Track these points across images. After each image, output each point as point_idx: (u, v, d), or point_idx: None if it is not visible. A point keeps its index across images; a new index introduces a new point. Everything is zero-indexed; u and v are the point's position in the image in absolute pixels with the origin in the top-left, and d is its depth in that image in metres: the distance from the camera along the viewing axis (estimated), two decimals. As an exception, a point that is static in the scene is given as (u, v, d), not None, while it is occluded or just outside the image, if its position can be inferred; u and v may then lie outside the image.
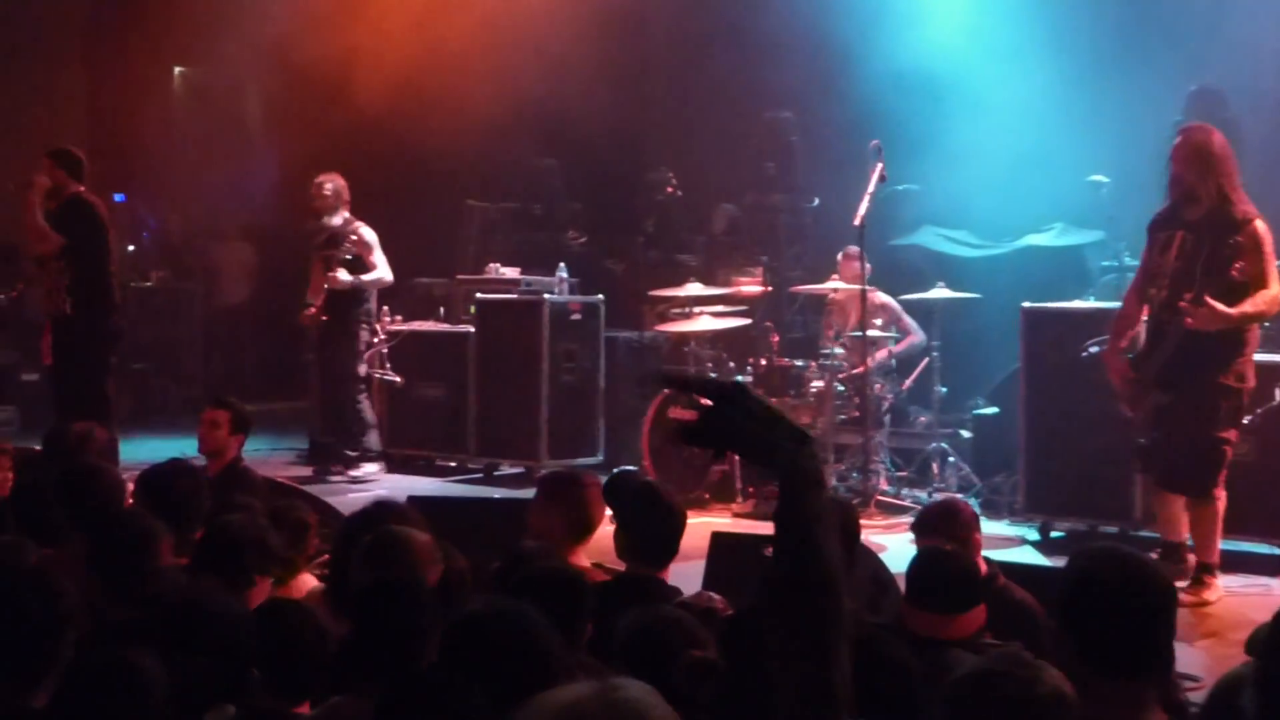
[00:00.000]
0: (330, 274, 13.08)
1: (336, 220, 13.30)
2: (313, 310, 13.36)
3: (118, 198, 19.23)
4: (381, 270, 13.32)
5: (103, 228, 11.93)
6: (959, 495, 11.94)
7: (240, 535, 5.69)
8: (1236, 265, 8.58)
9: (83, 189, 11.94)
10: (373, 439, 13.44)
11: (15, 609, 4.49)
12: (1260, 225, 8.72)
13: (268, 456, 13.87)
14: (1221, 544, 9.17)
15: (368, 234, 13.26)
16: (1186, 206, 8.92)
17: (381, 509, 6.22)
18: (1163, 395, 8.91)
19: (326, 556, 6.50)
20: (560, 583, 4.93)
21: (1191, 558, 9.17)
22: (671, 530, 6.16)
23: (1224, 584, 9.09)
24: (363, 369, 13.38)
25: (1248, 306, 8.61)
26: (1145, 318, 9.21)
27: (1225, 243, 8.66)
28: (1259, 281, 8.63)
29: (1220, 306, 8.53)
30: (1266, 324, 9.37)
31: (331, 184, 13.35)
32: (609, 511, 6.72)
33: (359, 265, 13.19)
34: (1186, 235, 8.85)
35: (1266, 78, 12.74)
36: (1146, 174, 12.35)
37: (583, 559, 6.40)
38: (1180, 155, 8.95)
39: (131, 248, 19.41)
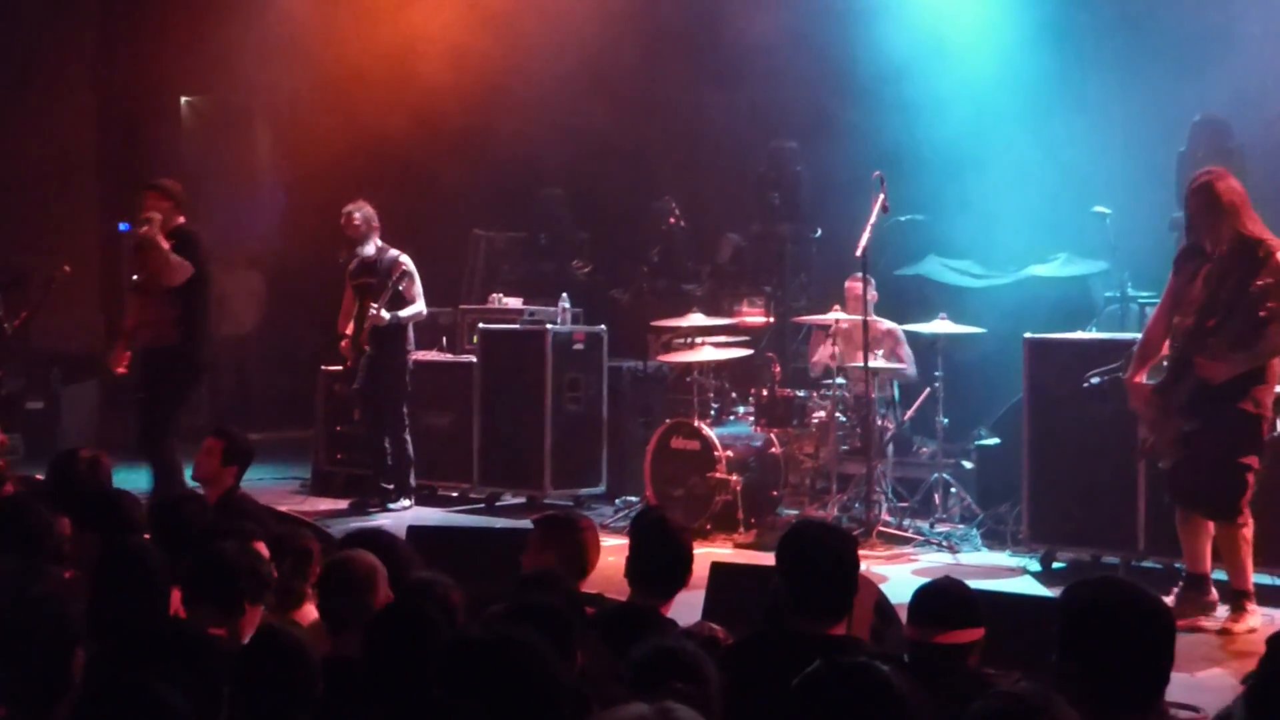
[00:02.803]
0: (374, 313, 13.03)
1: (369, 248, 13.30)
2: (347, 342, 13.34)
3: (123, 226, 19.28)
4: (420, 303, 13.36)
5: (208, 259, 12.04)
6: (960, 525, 11.97)
7: (232, 562, 5.69)
8: (1268, 305, 8.73)
9: (183, 219, 12.00)
10: (412, 475, 13.47)
11: (24, 633, 4.50)
12: None
13: (271, 485, 13.87)
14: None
15: (410, 265, 13.26)
16: (1208, 241, 9.03)
17: (363, 538, 6.25)
18: (1187, 423, 8.98)
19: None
20: (548, 614, 4.94)
21: (1215, 592, 9.23)
22: (678, 565, 6.17)
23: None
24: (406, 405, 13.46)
25: (1260, 346, 8.77)
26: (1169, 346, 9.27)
27: (1251, 280, 8.78)
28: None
29: (1231, 362, 8.75)
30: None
31: (360, 212, 13.33)
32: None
33: (399, 297, 13.18)
34: (1214, 268, 8.94)
35: (1271, 108, 12.74)
36: (1151, 205, 12.42)
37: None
38: (1192, 204, 9.10)
39: (135, 276, 19.42)
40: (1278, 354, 8.89)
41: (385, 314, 13.04)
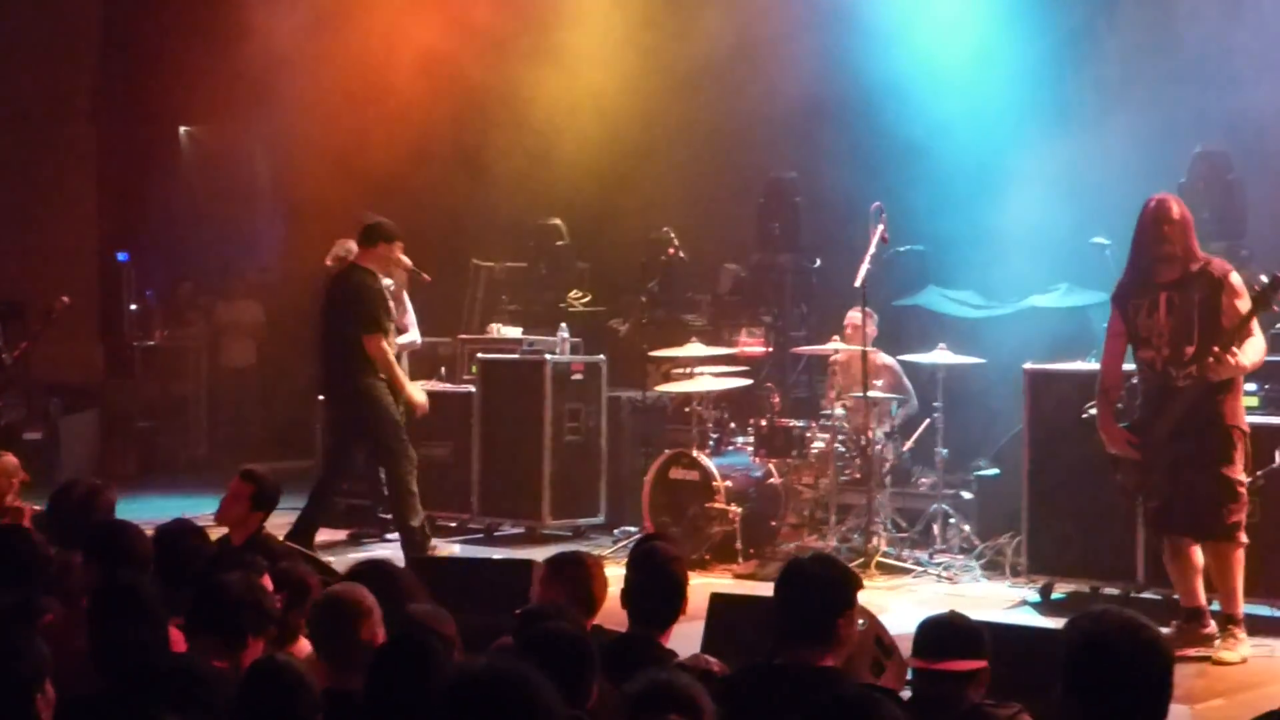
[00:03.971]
0: None
1: None
2: None
3: (121, 257, 19.29)
4: (414, 333, 13.38)
5: None
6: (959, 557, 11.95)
7: (235, 595, 5.66)
8: (1228, 319, 8.96)
9: None
10: None
11: None
12: (1235, 276, 9.13)
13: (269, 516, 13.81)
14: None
15: (404, 296, 13.30)
16: (1160, 270, 9.20)
17: (366, 569, 6.22)
18: (1179, 448, 9.04)
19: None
20: (566, 644, 4.94)
21: (1214, 624, 9.26)
22: (673, 594, 6.15)
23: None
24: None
25: (1249, 356, 8.97)
26: (1136, 381, 9.39)
27: (1214, 298, 9.01)
28: (1243, 329, 8.97)
29: (1237, 357, 8.89)
30: (1267, 386, 9.92)
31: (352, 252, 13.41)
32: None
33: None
34: (1173, 295, 9.12)
35: (1272, 140, 12.76)
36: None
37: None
38: (1165, 226, 9.21)
39: (134, 306, 19.44)
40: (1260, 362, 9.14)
41: None
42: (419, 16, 16.47)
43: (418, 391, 12.06)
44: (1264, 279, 8.88)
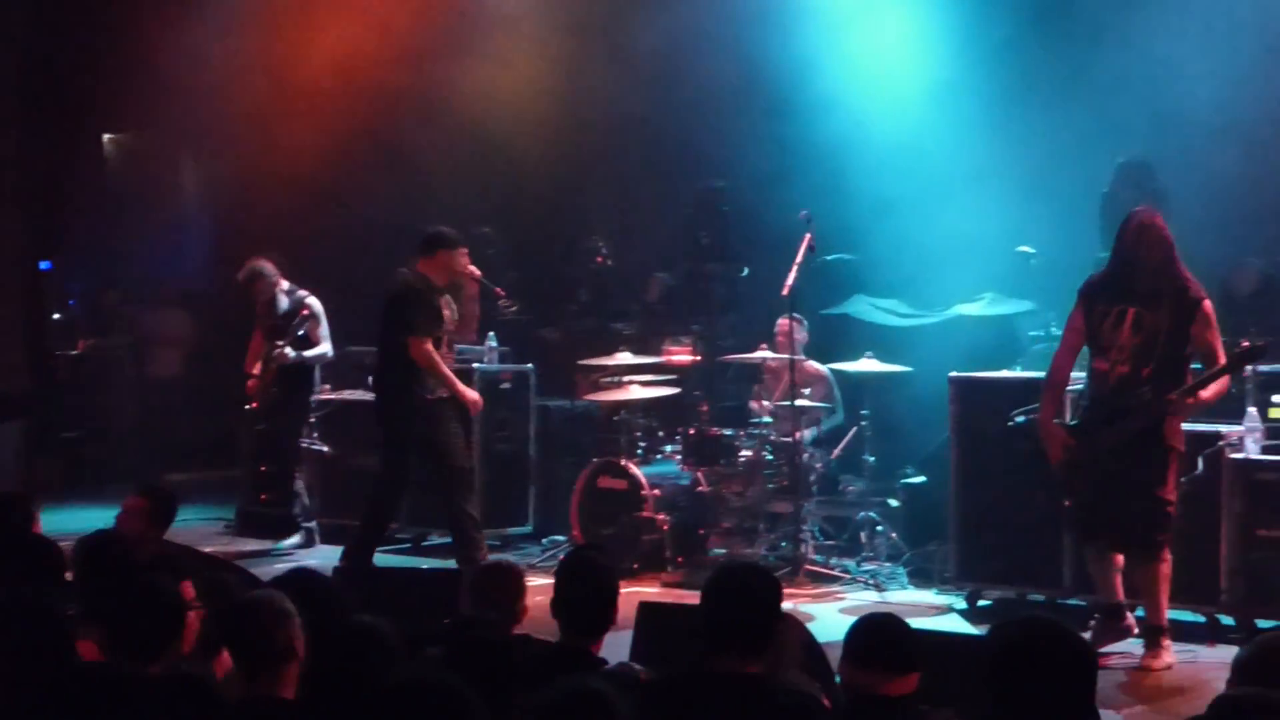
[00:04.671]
0: (279, 351, 13.01)
1: (284, 300, 13.26)
2: (254, 382, 13.32)
3: (44, 265, 19.11)
4: (325, 345, 13.32)
5: None
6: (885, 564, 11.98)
7: (155, 602, 5.62)
8: (1192, 346, 9.00)
9: None
10: (297, 506, 13.46)
11: None
12: (1208, 304, 9.07)
13: (195, 526, 13.76)
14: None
15: (317, 307, 13.24)
16: (1134, 282, 9.14)
17: (290, 579, 6.17)
18: (1115, 463, 9.07)
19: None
20: (492, 653, 4.93)
21: (1131, 618, 9.39)
22: (604, 604, 6.14)
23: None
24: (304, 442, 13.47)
25: (1213, 388, 8.96)
26: (1086, 387, 9.42)
27: (1185, 324, 8.98)
28: (1212, 358, 8.99)
29: (1205, 396, 8.94)
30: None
31: (260, 269, 13.30)
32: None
33: (305, 339, 13.16)
34: (1142, 311, 9.06)
35: (1195, 150, 12.84)
36: (1075, 245, 12.50)
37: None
38: (1147, 240, 9.13)
39: (58, 315, 19.27)
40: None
41: (290, 352, 13.03)
42: (346, 22, 16.42)
43: (470, 390, 11.78)
44: (1247, 343, 8.90)
